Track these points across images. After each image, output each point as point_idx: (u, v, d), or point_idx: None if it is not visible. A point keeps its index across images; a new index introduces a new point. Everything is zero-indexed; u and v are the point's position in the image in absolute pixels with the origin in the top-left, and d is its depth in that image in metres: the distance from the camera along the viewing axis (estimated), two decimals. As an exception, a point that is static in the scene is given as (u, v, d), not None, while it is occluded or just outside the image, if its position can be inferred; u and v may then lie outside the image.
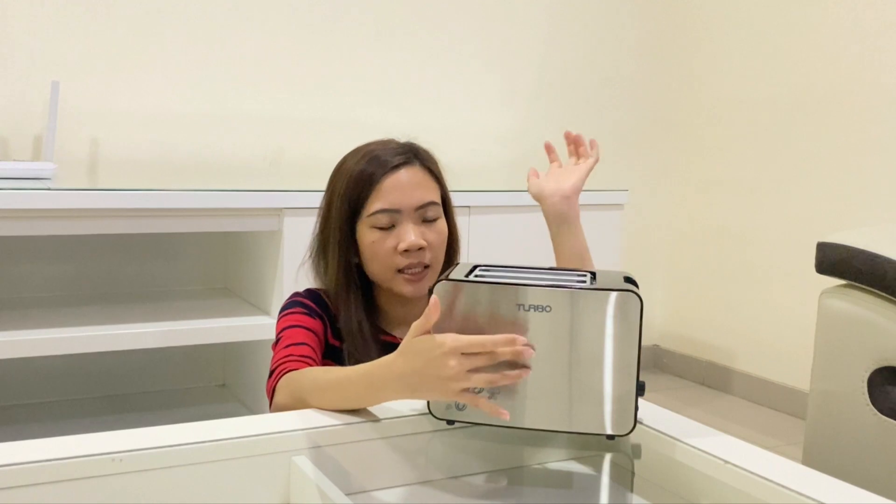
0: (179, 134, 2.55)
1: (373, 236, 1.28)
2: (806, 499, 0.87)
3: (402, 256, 1.27)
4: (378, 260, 1.28)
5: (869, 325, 1.69)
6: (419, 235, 1.28)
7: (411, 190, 1.29)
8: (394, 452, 1.05)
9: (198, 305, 2.26)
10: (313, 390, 1.10)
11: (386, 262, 1.28)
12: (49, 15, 2.37)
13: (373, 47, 2.83)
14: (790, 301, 2.93)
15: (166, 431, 0.98)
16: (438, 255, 1.32)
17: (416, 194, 1.29)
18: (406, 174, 1.29)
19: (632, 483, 1.10)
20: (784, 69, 2.96)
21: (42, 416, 2.25)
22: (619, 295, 0.97)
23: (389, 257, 1.28)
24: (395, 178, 1.28)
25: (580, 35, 3.21)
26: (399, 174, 1.29)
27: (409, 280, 1.28)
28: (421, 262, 1.28)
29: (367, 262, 1.31)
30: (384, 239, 1.28)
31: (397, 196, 1.28)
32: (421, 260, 1.28)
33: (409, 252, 1.27)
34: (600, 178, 3.23)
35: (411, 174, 1.30)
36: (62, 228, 1.90)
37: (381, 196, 1.28)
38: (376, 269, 1.30)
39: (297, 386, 1.14)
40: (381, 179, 1.28)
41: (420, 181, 1.31)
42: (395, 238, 1.28)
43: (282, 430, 1.00)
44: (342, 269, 1.31)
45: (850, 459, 1.72)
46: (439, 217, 1.33)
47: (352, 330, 1.30)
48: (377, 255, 1.28)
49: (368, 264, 1.31)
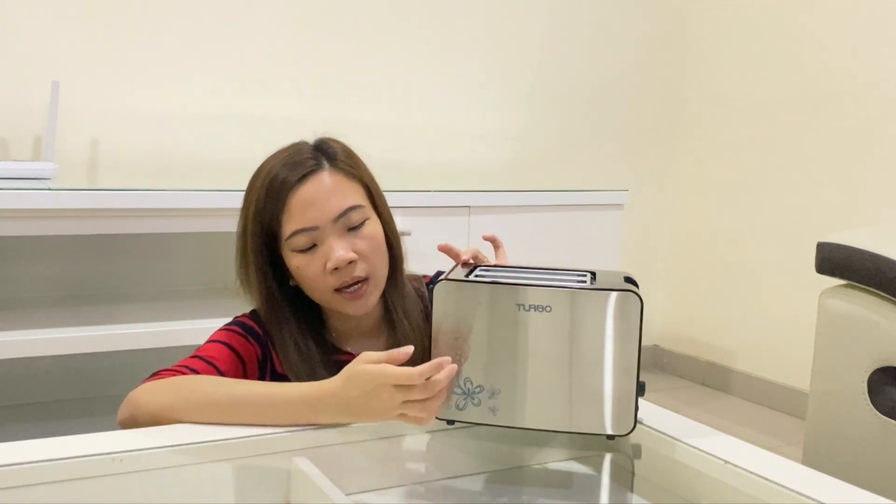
0: (179, 134, 2.55)
1: (297, 261, 1.16)
2: (806, 499, 0.87)
3: (333, 276, 1.15)
4: (310, 284, 1.17)
5: (869, 325, 1.69)
6: (346, 248, 1.15)
7: (324, 201, 1.15)
8: (394, 452, 1.05)
9: (198, 305, 2.26)
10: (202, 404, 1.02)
11: (319, 285, 1.16)
12: (49, 15, 2.37)
13: (373, 47, 2.83)
14: (790, 301, 2.92)
15: (166, 431, 0.99)
16: (375, 263, 1.18)
17: (331, 204, 1.15)
18: (313, 185, 1.15)
19: (632, 483, 1.10)
20: (783, 69, 2.96)
21: (42, 416, 2.25)
22: (620, 295, 0.97)
23: (320, 279, 1.15)
24: (302, 194, 1.15)
25: (580, 35, 3.21)
26: (305, 188, 1.15)
27: (350, 298, 1.16)
28: (355, 277, 1.15)
29: (300, 283, 1.19)
30: (309, 262, 1.15)
31: (310, 212, 1.14)
32: (355, 275, 1.15)
33: (340, 270, 1.15)
34: (600, 178, 3.24)
35: (319, 183, 1.16)
36: (62, 228, 1.90)
37: (292, 217, 1.15)
38: (312, 292, 1.19)
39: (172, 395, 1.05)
40: (288, 198, 1.14)
41: (333, 187, 1.16)
42: (321, 258, 1.15)
43: (282, 430, 1.00)
44: (267, 299, 1.19)
45: (850, 459, 1.72)
46: (366, 219, 1.18)
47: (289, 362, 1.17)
48: (307, 279, 1.16)
49: (303, 286, 1.19)
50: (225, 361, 1.15)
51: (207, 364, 1.14)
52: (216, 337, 1.20)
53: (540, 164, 3.14)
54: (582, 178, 3.21)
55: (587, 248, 2.54)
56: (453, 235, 2.24)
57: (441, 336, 1.00)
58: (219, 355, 1.16)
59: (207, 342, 1.19)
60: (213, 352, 1.16)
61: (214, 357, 1.15)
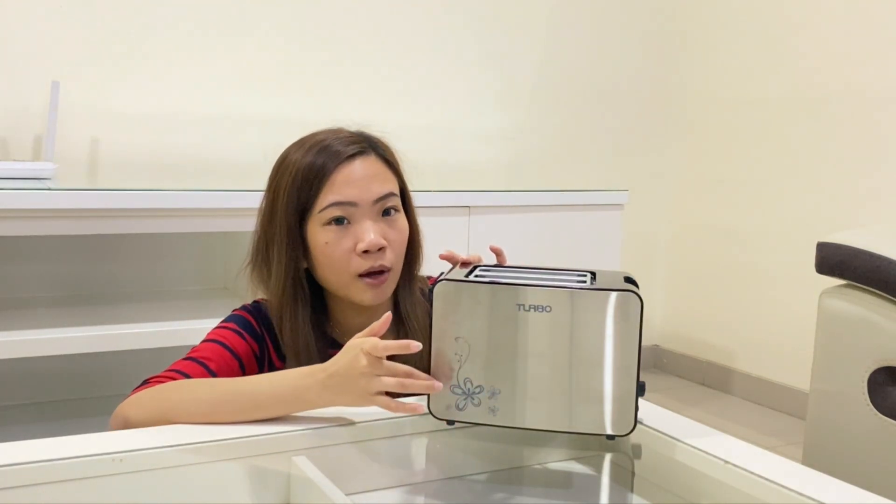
0: (179, 134, 2.55)
1: (326, 236, 1.14)
2: (806, 499, 0.87)
3: (360, 258, 1.14)
4: (333, 264, 1.15)
5: (869, 325, 1.69)
6: (379, 234, 1.14)
7: (368, 181, 1.15)
8: (394, 452, 1.05)
9: (198, 305, 2.26)
10: (192, 409, 1.02)
11: (342, 266, 1.14)
12: (49, 15, 2.37)
13: (373, 47, 2.83)
14: (790, 301, 2.92)
15: (166, 431, 0.99)
16: (399, 257, 1.19)
17: (373, 186, 1.15)
18: (361, 165, 1.16)
19: (632, 483, 1.10)
20: (784, 69, 2.96)
21: (42, 416, 2.25)
22: (620, 295, 0.97)
23: (346, 260, 1.14)
24: (349, 170, 1.14)
25: (580, 35, 3.21)
26: (353, 165, 1.15)
27: (371, 285, 1.15)
28: (382, 264, 1.15)
29: (319, 266, 1.17)
30: (339, 239, 1.14)
31: (352, 188, 1.14)
32: (382, 262, 1.15)
33: (369, 253, 1.14)
34: (600, 178, 3.24)
35: (367, 165, 1.16)
36: (62, 228, 1.90)
37: (333, 189, 1.13)
38: (330, 274, 1.16)
39: (160, 404, 1.04)
40: (334, 171, 1.14)
41: (377, 172, 1.17)
42: (352, 237, 1.14)
43: (282, 430, 1.00)
44: (289, 277, 1.17)
45: (850, 459, 1.72)
46: (400, 212, 1.20)
47: (297, 348, 1.16)
48: (332, 258, 1.14)
49: (321, 269, 1.17)
50: (218, 360, 1.14)
51: (198, 364, 1.13)
52: (211, 336, 1.19)
53: (540, 164, 3.14)
54: (582, 178, 3.21)
55: (587, 248, 2.54)
56: (453, 235, 2.24)
57: (441, 336, 1.00)
58: (212, 355, 1.14)
59: (202, 342, 1.18)
60: (206, 352, 1.15)
61: (207, 357, 1.14)
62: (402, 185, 1.24)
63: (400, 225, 1.19)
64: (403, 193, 1.23)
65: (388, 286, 1.18)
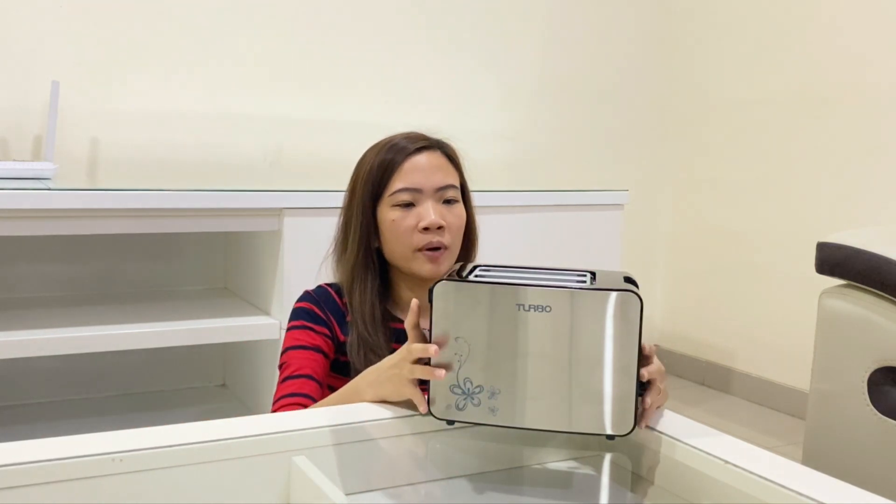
0: (179, 134, 2.55)
1: (394, 215, 1.32)
2: (806, 499, 0.87)
3: (421, 234, 1.31)
4: (398, 238, 1.32)
5: (869, 325, 1.69)
6: (439, 215, 1.32)
7: (431, 172, 1.34)
8: (394, 452, 1.05)
9: (198, 305, 2.26)
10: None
11: (406, 241, 1.32)
12: (49, 15, 2.37)
13: (373, 47, 2.83)
14: (790, 301, 2.92)
15: (166, 431, 0.98)
16: (456, 239, 1.36)
17: (436, 176, 1.34)
18: (426, 157, 1.35)
19: (632, 483, 1.10)
20: (784, 69, 2.96)
21: (42, 416, 2.25)
22: (619, 295, 0.97)
23: (409, 235, 1.31)
24: (415, 160, 1.34)
25: (580, 35, 3.21)
26: (420, 156, 1.35)
27: (430, 258, 1.32)
28: (440, 241, 1.32)
29: (386, 242, 1.35)
30: (405, 217, 1.32)
31: (418, 176, 1.33)
32: (440, 239, 1.32)
33: (429, 231, 1.31)
34: (600, 178, 3.24)
35: (432, 157, 1.36)
36: (62, 228, 1.90)
37: (402, 176, 1.33)
38: (396, 248, 1.33)
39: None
40: (403, 162, 1.34)
41: (440, 165, 1.36)
42: (415, 217, 1.32)
43: (282, 430, 1.00)
44: (362, 250, 1.36)
45: (850, 459, 1.72)
46: (458, 201, 1.37)
47: (364, 313, 1.34)
48: (397, 233, 1.32)
49: (388, 244, 1.35)
50: (311, 364, 1.32)
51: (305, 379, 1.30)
52: (290, 343, 1.35)
53: (540, 164, 3.14)
54: (582, 178, 3.21)
55: (587, 248, 2.54)
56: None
57: (441, 336, 1.00)
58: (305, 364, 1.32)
59: (286, 352, 1.34)
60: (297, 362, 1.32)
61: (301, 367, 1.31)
62: (463, 182, 1.41)
63: (458, 211, 1.36)
64: (464, 189, 1.41)
65: (444, 262, 1.33)
